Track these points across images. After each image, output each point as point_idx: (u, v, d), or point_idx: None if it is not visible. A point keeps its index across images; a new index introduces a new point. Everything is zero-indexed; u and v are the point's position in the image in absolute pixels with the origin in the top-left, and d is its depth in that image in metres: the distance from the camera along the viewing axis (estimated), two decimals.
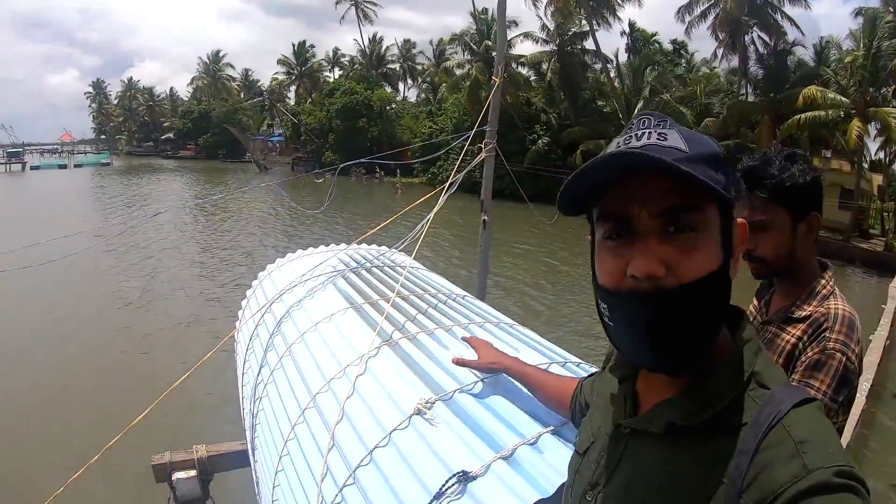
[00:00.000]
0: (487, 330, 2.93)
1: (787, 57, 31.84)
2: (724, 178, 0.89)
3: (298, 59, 73.38)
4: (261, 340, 3.53)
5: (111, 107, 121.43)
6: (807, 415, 0.85)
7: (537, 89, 42.43)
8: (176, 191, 42.86)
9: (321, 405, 2.49)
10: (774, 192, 1.90)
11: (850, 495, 0.77)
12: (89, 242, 14.76)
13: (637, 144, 0.88)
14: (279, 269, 4.52)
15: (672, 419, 0.92)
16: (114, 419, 6.56)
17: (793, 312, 1.95)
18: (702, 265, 0.86)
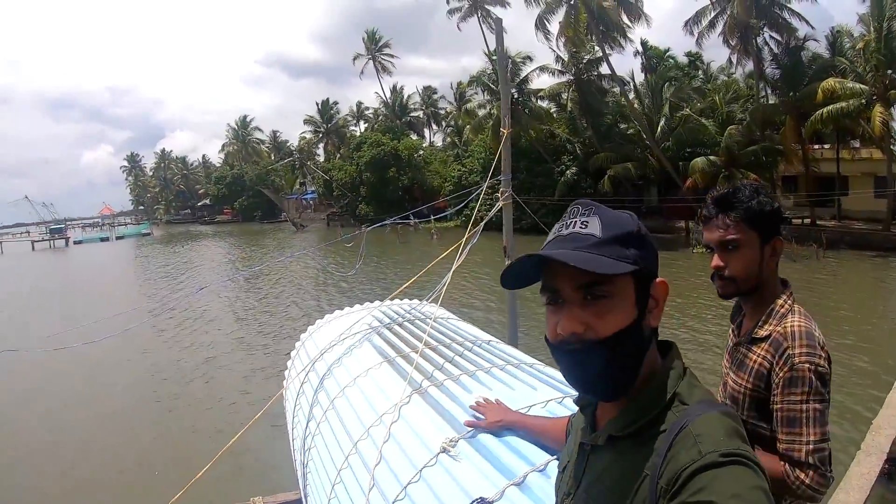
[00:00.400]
0: (508, 372, 3.24)
1: (801, 53, 31.50)
2: (635, 251, 1.16)
3: (324, 117, 74.90)
4: (307, 397, 3.88)
5: (147, 178, 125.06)
6: (707, 419, 1.08)
7: (559, 120, 42.75)
8: (217, 255, 43.87)
9: (362, 451, 2.82)
10: (745, 214, 2.09)
11: (736, 467, 0.98)
12: (141, 318, 15.42)
13: (564, 233, 1.19)
14: (319, 329, 4.88)
15: (611, 432, 1.20)
16: (176, 476, 6.97)
17: (756, 333, 2.14)
18: (614, 324, 1.15)
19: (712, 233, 2.15)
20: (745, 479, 0.97)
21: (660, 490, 1.04)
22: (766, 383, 2.07)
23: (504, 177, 6.20)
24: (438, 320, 4.35)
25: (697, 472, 0.99)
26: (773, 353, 2.06)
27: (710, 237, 2.16)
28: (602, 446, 1.22)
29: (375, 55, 67.13)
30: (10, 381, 13.45)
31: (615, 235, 1.16)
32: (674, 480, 1.01)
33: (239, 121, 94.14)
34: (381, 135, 56.97)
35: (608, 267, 1.11)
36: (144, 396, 12.10)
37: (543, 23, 36.81)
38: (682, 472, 1.00)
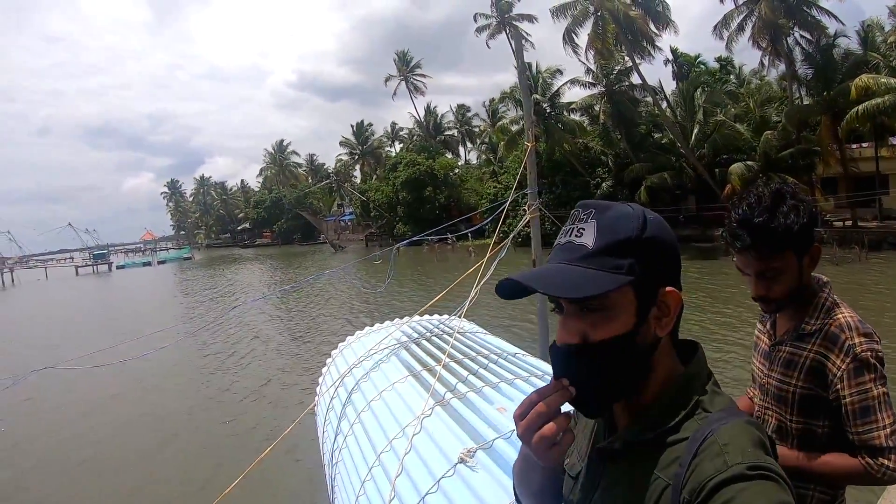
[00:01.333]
0: (531, 383, 3.27)
1: (833, 50, 30.61)
2: (631, 260, 1.08)
3: (359, 139, 75.76)
4: (335, 412, 3.94)
5: (187, 203, 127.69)
6: (732, 427, 1.03)
7: (593, 133, 42.61)
8: (257, 277, 44.51)
9: (385, 462, 2.87)
10: (782, 240, 1.97)
11: (763, 481, 0.94)
12: (181, 336, 15.78)
13: (562, 241, 1.15)
14: (349, 346, 4.96)
15: (628, 438, 1.13)
16: (206, 489, 7.10)
17: (803, 329, 2.08)
18: (608, 334, 1.10)
19: (747, 265, 2.06)
20: (771, 494, 0.94)
21: (682, 501, 1.00)
22: (821, 378, 2.02)
23: (530, 190, 6.21)
24: (466, 334, 4.39)
25: (723, 484, 0.95)
26: (830, 346, 2.01)
27: (745, 265, 2.08)
28: (619, 452, 1.17)
29: (407, 76, 67.76)
30: (55, 396, 13.95)
31: (608, 244, 1.09)
32: (697, 491, 0.98)
33: (276, 145, 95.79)
34: (417, 154, 57.39)
35: (583, 288, 1.05)
36: (174, 410, 12.41)
37: (571, 36, 36.73)
38: (706, 483, 0.97)
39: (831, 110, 28.94)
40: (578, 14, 35.57)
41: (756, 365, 2.34)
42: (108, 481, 9.24)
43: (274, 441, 5.13)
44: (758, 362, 2.33)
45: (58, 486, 9.19)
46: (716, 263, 27.44)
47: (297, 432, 5.36)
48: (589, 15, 35.29)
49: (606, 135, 40.99)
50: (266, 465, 5.11)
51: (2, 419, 11.88)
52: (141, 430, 11.30)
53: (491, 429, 2.67)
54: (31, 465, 10.19)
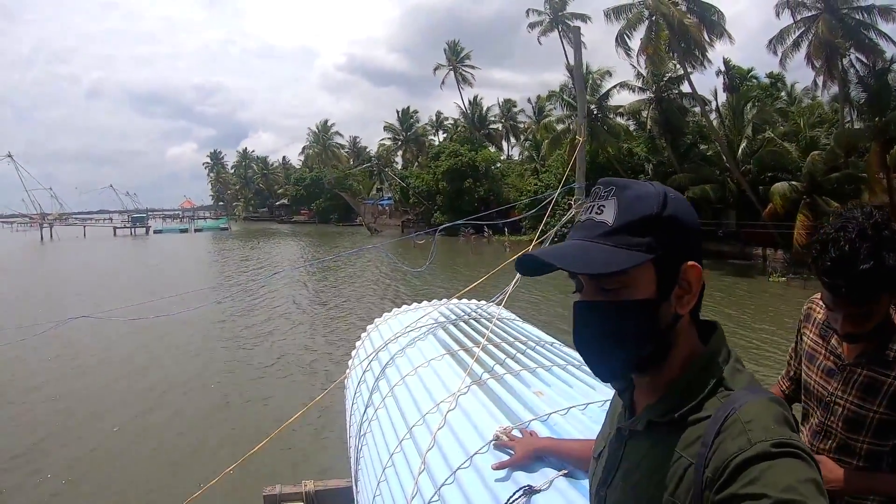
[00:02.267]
0: (569, 371, 3.23)
1: (888, 76, 30.00)
2: (651, 238, 1.09)
3: (403, 125, 75.90)
4: (367, 384, 3.94)
5: (228, 175, 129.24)
6: (755, 405, 1.03)
7: (638, 139, 42.19)
8: (294, 252, 44.92)
9: (416, 436, 2.86)
10: (883, 286, 1.88)
11: (789, 459, 0.93)
12: (218, 300, 16.04)
13: (583, 219, 1.16)
14: (385, 322, 4.96)
15: (651, 418, 1.15)
16: (232, 450, 7.20)
17: (888, 355, 2.01)
18: (630, 297, 1.11)
19: (837, 308, 1.97)
20: (798, 472, 0.93)
21: (706, 480, 0.99)
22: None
23: (578, 185, 6.19)
24: (503, 320, 4.37)
25: (748, 462, 0.94)
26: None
27: (835, 307, 1.98)
28: (640, 432, 1.18)
29: (457, 66, 67.67)
30: (86, 344, 14.52)
31: (628, 222, 1.10)
32: (721, 470, 0.97)
33: (320, 125, 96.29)
34: (460, 145, 57.33)
35: (602, 265, 1.07)
36: (209, 370, 12.69)
37: (624, 39, 36.27)
38: (730, 462, 0.96)
39: (882, 137, 28.22)
40: (633, 17, 35.11)
41: (814, 379, 2.27)
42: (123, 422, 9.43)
43: (300, 410, 5.16)
44: (816, 377, 2.26)
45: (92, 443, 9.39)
46: (752, 282, 27.08)
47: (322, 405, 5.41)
48: (643, 19, 34.80)
49: (652, 142, 40.61)
50: (288, 433, 5.14)
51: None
52: (167, 389, 11.49)
53: (528, 411, 2.65)
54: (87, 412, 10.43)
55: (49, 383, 11.78)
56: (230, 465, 4.85)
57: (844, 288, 1.88)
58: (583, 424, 2.48)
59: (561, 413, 2.58)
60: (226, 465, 4.84)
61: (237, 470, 4.98)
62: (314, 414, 7.63)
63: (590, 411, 2.61)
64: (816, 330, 2.32)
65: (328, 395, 5.30)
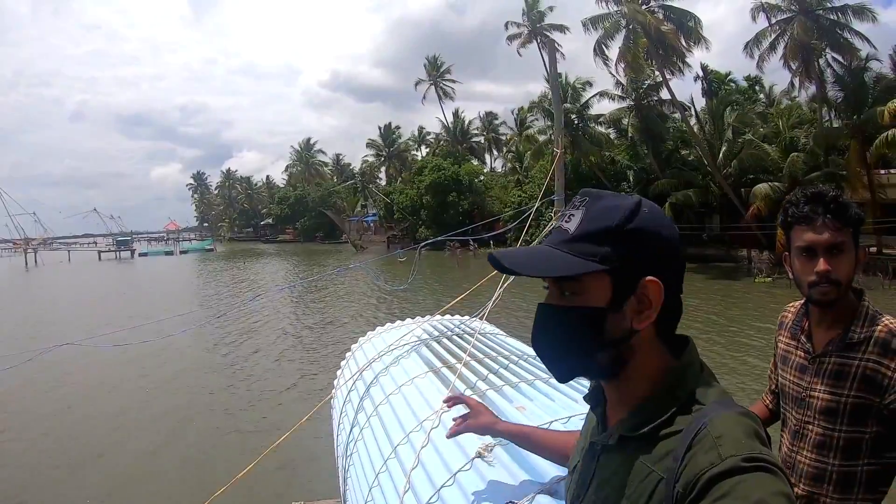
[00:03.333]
0: (551, 385, 3.25)
1: (864, 73, 30.55)
2: (609, 249, 1.11)
3: (386, 141, 76.05)
4: (352, 404, 3.95)
5: (212, 196, 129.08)
6: (726, 419, 1.03)
7: (620, 146, 42.48)
8: (278, 272, 44.74)
9: (401, 455, 2.87)
10: (849, 219, 2.04)
11: (759, 473, 0.93)
12: (202, 322, 15.95)
13: (556, 225, 1.22)
14: (369, 340, 4.96)
15: (622, 432, 1.16)
16: (218, 474, 7.14)
17: (850, 339, 2.09)
18: (579, 304, 1.16)
19: (819, 234, 2.04)
20: (768, 485, 0.93)
21: (676, 494, 1.00)
22: (874, 385, 2.03)
23: (557, 196, 6.21)
24: (486, 335, 4.38)
25: (719, 477, 0.95)
26: (883, 352, 2.03)
27: (816, 239, 2.05)
28: (613, 446, 1.19)
29: (437, 80, 68.00)
30: (66, 372, 14.21)
31: (588, 232, 1.13)
32: (692, 485, 0.97)
33: (303, 143, 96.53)
34: (443, 159, 57.58)
35: (552, 269, 1.13)
36: (194, 395, 12.54)
37: (602, 48, 36.63)
38: (701, 476, 0.96)
39: (860, 135, 28.74)
40: (610, 27, 35.51)
41: (789, 379, 2.32)
42: (107, 467, 9.31)
43: (287, 431, 5.14)
44: (791, 376, 2.31)
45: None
46: (737, 284, 27.23)
47: (309, 425, 5.38)
48: (620, 28, 35.21)
49: (633, 149, 40.98)
50: (277, 455, 5.12)
51: None
52: (153, 416, 11.38)
53: None
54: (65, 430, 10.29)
55: (29, 413, 11.65)
56: (220, 488, 4.81)
57: (824, 210, 2.03)
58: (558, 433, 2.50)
59: (543, 427, 2.60)
60: (216, 488, 4.81)
61: (227, 493, 4.95)
62: (303, 434, 7.58)
63: (572, 424, 2.61)
64: (788, 332, 2.40)
65: (317, 414, 5.28)
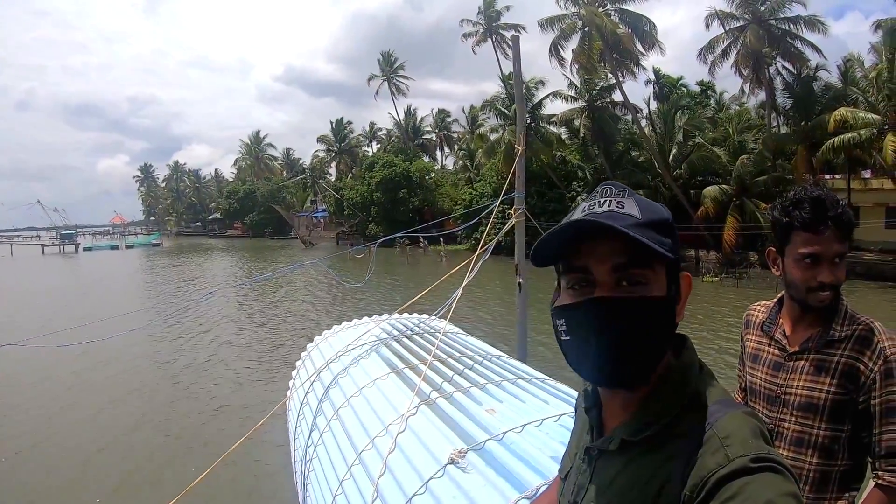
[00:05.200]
0: (520, 385, 3.16)
1: (813, 82, 31.36)
2: (670, 241, 1.06)
3: (337, 136, 75.22)
4: (310, 407, 3.79)
5: (159, 189, 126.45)
6: (731, 419, 1.00)
7: (571, 147, 42.85)
8: (226, 268, 43.95)
9: (366, 461, 2.73)
10: (851, 230, 2.06)
11: (768, 474, 0.91)
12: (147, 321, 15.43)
13: (598, 211, 1.07)
14: (326, 340, 4.81)
15: (624, 437, 1.08)
16: (169, 485, 6.87)
17: (832, 336, 2.10)
18: (649, 293, 1.05)
19: (826, 245, 2.03)
20: (777, 486, 0.90)
21: (684, 497, 0.96)
22: (854, 381, 2.04)
23: (518, 194, 6.13)
24: (448, 334, 4.28)
25: (727, 478, 0.92)
26: (863, 349, 2.04)
27: (822, 250, 2.04)
28: (611, 451, 1.12)
29: (390, 76, 67.57)
30: (13, 374, 13.52)
31: (653, 220, 1.06)
32: (700, 487, 0.94)
33: (252, 136, 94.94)
34: (394, 156, 57.21)
35: (659, 246, 1.02)
36: (142, 401, 12.00)
37: (558, 49, 36.86)
38: (709, 478, 0.93)
39: (808, 140, 29.56)
40: (566, 28, 35.73)
41: (760, 377, 2.30)
42: (47, 475, 8.93)
43: (240, 438, 4.94)
44: (763, 374, 2.29)
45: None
46: None
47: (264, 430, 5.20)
48: (576, 29, 35.47)
49: (585, 149, 41.35)
50: (230, 463, 4.92)
51: None
52: (96, 424, 10.92)
53: (481, 430, 2.56)
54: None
55: None
56: (170, 500, 4.59)
57: (832, 222, 2.02)
58: (539, 441, 2.41)
59: (516, 431, 2.50)
60: (164, 501, 4.58)
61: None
62: (257, 441, 7.35)
63: (546, 427, 2.54)
64: (758, 330, 2.38)
65: (271, 419, 5.08)
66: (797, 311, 2.20)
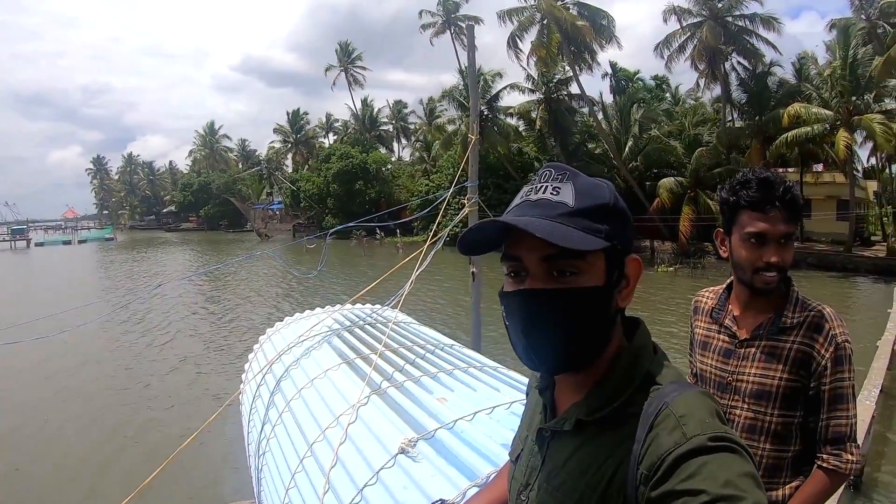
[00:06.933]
0: (471, 374, 3.16)
1: (768, 78, 32.27)
2: (606, 227, 1.04)
3: (293, 127, 74.34)
4: (263, 400, 3.74)
5: (112, 182, 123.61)
6: (688, 398, 1.00)
7: (528, 139, 43.08)
8: (180, 262, 43.20)
9: (317, 453, 2.70)
10: (799, 210, 2.09)
11: (726, 453, 0.91)
12: (98, 315, 15.02)
13: (533, 199, 1.07)
14: (278, 332, 4.75)
15: (579, 417, 1.08)
16: (122, 482, 6.73)
17: (783, 323, 2.11)
18: (583, 284, 1.04)
19: (773, 224, 2.04)
20: (735, 466, 0.90)
21: (640, 476, 0.96)
22: (806, 368, 2.05)
23: (471, 183, 6.13)
24: (400, 324, 4.26)
25: (685, 456, 0.91)
26: (815, 335, 2.06)
27: (769, 229, 2.05)
28: (566, 432, 1.12)
29: (348, 67, 67.04)
30: None
31: (588, 207, 1.04)
32: (657, 465, 0.93)
33: (207, 127, 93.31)
34: (350, 147, 56.82)
35: (578, 242, 0.99)
36: (94, 396, 11.74)
37: (516, 41, 37.02)
38: (666, 457, 0.93)
39: (762, 135, 30.39)
40: (525, 20, 35.92)
41: (710, 364, 2.31)
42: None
43: (195, 432, 4.86)
44: (713, 361, 2.30)
45: None
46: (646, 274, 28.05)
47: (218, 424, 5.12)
48: (535, 22, 35.67)
49: (541, 141, 41.66)
50: (185, 457, 4.83)
51: None
52: (46, 421, 10.63)
53: (432, 419, 2.55)
54: None
55: None
56: (123, 498, 4.49)
57: (779, 202, 2.03)
58: (491, 429, 2.40)
59: (467, 419, 2.50)
60: (119, 499, 4.47)
61: (133, 502, 4.62)
62: (212, 435, 7.23)
63: (497, 415, 2.54)
64: (707, 317, 2.38)
65: (225, 412, 5.00)
66: (746, 295, 2.21)
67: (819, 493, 2.03)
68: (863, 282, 24.66)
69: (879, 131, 24.70)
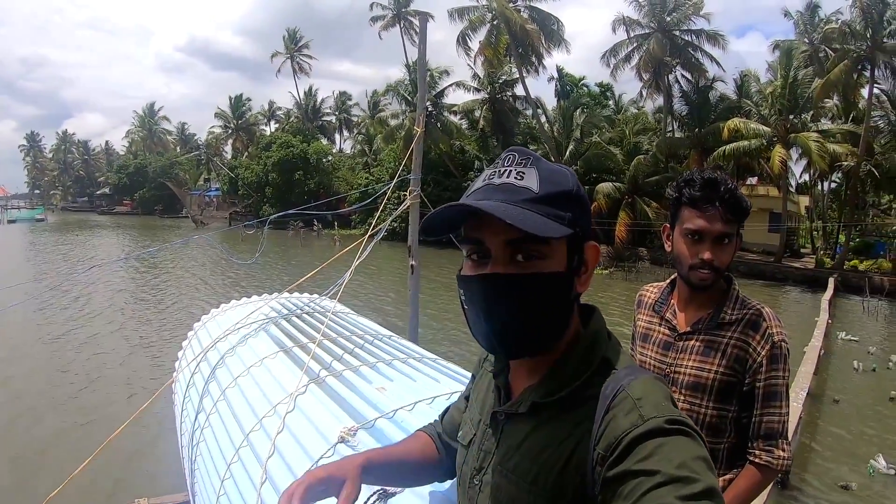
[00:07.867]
0: (410, 364, 3.15)
1: (710, 92, 33.48)
2: (570, 214, 1.06)
3: (235, 113, 72.95)
4: (197, 388, 3.64)
5: (46, 160, 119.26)
6: (643, 382, 1.04)
7: (470, 137, 43.30)
8: (112, 246, 41.91)
9: (254, 443, 2.64)
10: (740, 211, 2.10)
11: (681, 437, 0.94)
12: (25, 296, 14.42)
13: (496, 182, 1.07)
14: (213, 319, 4.64)
15: (535, 399, 1.11)
16: (51, 474, 6.48)
17: (722, 318, 2.17)
18: (544, 269, 1.06)
19: (711, 223, 2.09)
20: (689, 449, 0.93)
21: (597, 457, 0.99)
22: (741, 363, 2.11)
23: (414, 176, 6.11)
24: (338, 314, 4.22)
25: (641, 438, 0.94)
26: (752, 332, 2.12)
27: (706, 227, 2.09)
28: (521, 414, 1.14)
29: (294, 55, 66.19)
30: None
31: (552, 193, 1.05)
32: (613, 446, 0.96)
33: (146, 108, 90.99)
34: (292, 136, 56.11)
35: (545, 229, 1.00)
36: (16, 383, 11.27)
37: (465, 39, 37.26)
38: (623, 438, 0.96)
39: (700, 146, 31.48)
40: (475, 19, 36.15)
41: (650, 356, 2.37)
42: None
43: (124, 422, 4.70)
44: (653, 353, 2.36)
45: None
46: None
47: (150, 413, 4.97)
48: (485, 22, 35.92)
49: (483, 140, 41.99)
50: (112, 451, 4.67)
51: None
52: None
53: (371, 408, 2.53)
54: None
55: None
56: (51, 492, 4.31)
57: (719, 202, 2.07)
58: (430, 418, 2.36)
59: (407, 408, 2.49)
60: (46, 493, 4.29)
61: (62, 495, 4.44)
62: (143, 424, 7.01)
63: (437, 404, 2.53)
64: (649, 310, 2.45)
65: (156, 401, 4.85)
66: (687, 292, 2.28)
67: (751, 487, 2.09)
68: (792, 291, 25.71)
69: (815, 149, 25.91)
